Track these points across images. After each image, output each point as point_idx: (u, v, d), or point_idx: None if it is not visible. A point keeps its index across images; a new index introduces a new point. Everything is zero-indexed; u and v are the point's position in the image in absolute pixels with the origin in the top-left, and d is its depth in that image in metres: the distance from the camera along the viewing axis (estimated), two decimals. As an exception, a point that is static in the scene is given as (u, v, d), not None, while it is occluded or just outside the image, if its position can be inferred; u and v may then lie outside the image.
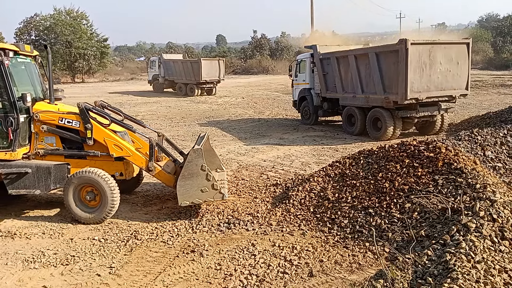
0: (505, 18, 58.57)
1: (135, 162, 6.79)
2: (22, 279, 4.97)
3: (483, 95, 23.86)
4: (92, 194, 6.50)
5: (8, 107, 6.48)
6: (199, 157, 6.19)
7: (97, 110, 6.96)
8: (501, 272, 4.06)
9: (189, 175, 6.20)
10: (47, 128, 6.79)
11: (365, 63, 13.42)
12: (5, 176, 6.53)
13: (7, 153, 6.52)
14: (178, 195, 6.22)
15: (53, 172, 6.59)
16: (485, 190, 5.39)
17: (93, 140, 6.72)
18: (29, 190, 6.62)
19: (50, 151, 6.84)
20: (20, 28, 49.01)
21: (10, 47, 6.59)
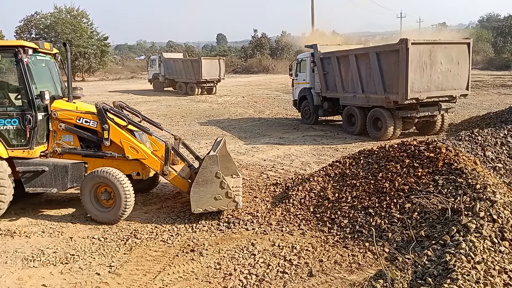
0: (506, 18, 58.55)
1: (151, 166, 6.71)
2: (22, 278, 4.96)
3: (483, 95, 23.85)
4: (107, 194, 6.45)
5: (26, 104, 6.48)
6: (214, 163, 6.09)
7: (115, 111, 6.91)
8: (501, 273, 4.06)
9: (203, 181, 6.11)
10: (65, 127, 6.77)
11: (365, 63, 13.41)
12: (22, 174, 6.52)
13: (24, 151, 6.51)
14: (191, 201, 6.15)
15: (70, 170, 6.57)
16: (485, 191, 5.39)
17: (109, 141, 6.68)
18: (46, 189, 6.61)
19: (68, 150, 6.82)
20: (20, 26, 49.03)
21: (29, 44, 6.56)
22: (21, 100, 6.55)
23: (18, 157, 6.53)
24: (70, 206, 7.37)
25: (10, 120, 6.48)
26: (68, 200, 7.82)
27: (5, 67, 6.83)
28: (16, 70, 6.54)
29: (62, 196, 7.88)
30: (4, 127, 6.49)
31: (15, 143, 6.52)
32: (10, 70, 6.77)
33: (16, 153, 6.52)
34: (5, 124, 6.49)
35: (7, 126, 6.49)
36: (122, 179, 6.37)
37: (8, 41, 6.62)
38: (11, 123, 6.49)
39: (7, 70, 6.81)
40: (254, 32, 64.84)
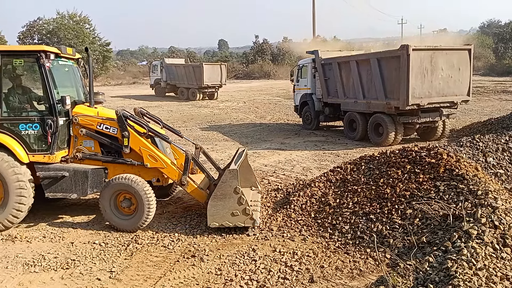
0: (507, 25, 58.62)
1: (169, 175, 6.66)
2: (22, 283, 4.96)
3: (484, 101, 23.85)
4: (128, 201, 6.40)
5: (47, 109, 6.48)
6: (234, 178, 6.00)
7: (135, 118, 6.90)
8: (503, 280, 4.04)
9: (221, 195, 6.02)
10: (86, 132, 6.76)
11: (366, 69, 13.44)
12: (42, 179, 6.50)
13: (45, 156, 6.48)
14: (208, 215, 6.08)
15: (90, 176, 6.54)
16: (487, 197, 5.38)
17: (129, 148, 6.66)
18: (66, 194, 6.57)
19: (88, 155, 6.80)
20: (23, 31, 49.30)
21: (51, 49, 6.57)
22: (43, 105, 6.54)
23: (38, 162, 6.49)
24: (71, 211, 7.37)
25: (31, 125, 6.44)
26: (69, 205, 7.82)
27: (27, 72, 6.80)
28: (37, 75, 6.53)
29: (63, 201, 7.88)
30: (25, 132, 6.45)
31: (36, 148, 6.48)
32: (31, 75, 6.75)
33: (37, 158, 6.48)
34: (26, 129, 6.45)
35: (28, 131, 6.46)
36: (145, 186, 6.33)
37: (30, 46, 6.68)
38: (32, 128, 6.45)
39: (28, 75, 6.79)
40: (256, 38, 65.05)
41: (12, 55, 6.53)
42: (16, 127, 6.44)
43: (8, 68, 6.60)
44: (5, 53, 6.49)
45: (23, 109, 6.65)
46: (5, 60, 6.45)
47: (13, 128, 6.43)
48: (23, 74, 6.89)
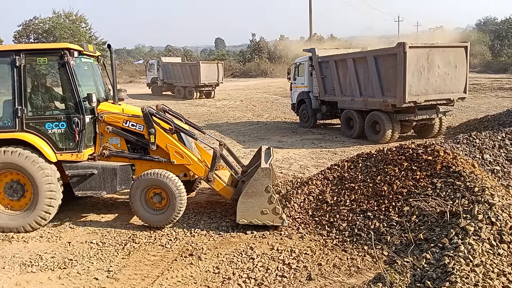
0: (503, 22, 58.70)
1: (195, 171, 6.67)
2: (20, 283, 4.94)
3: (481, 98, 23.92)
4: (158, 196, 6.40)
5: (73, 107, 6.44)
6: (266, 177, 6.00)
7: (160, 115, 6.88)
8: (500, 276, 4.06)
9: (252, 193, 6.01)
10: (112, 129, 6.73)
11: (363, 67, 13.46)
12: (71, 178, 6.47)
13: (73, 154, 6.45)
14: (237, 211, 6.08)
15: (119, 173, 6.53)
16: (484, 193, 5.39)
17: (156, 145, 6.65)
18: (95, 192, 6.56)
19: (115, 153, 6.78)
20: (19, 31, 49.06)
21: (74, 47, 6.54)
22: (69, 103, 6.50)
23: (66, 160, 6.46)
24: (68, 211, 7.34)
25: (57, 123, 6.41)
26: (66, 205, 7.78)
27: (51, 71, 6.74)
28: (62, 73, 6.49)
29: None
30: (52, 131, 6.41)
31: (64, 146, 6.44)
32: (56, 73, 6.67)
33: (64, 156, 6.44)
34: (52, 128, 6.41)
35: (55, 129, 6.41)
36: (176, 180, 6.34)
37: (54, 44, 6.56)
38: (59, 127, 6.41)
39: (53, 73, 6.73)
40: (252, 36, 64.99)
41: (36, 53, 6.46)
42: (42, 126, 6.39)
43: (32, 67, 6.57)
44: (29, 52, 6.42)
45: (48, 108, 6.61)
46: (28, 59, 6.40)
47: (39, 127, 6.38)
48: (47, 72, 6.85)
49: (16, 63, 6.26)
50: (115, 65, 7.36)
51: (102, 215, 7.11)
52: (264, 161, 6.44)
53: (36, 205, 6.24)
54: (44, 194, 6.22)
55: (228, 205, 7.32)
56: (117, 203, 7.70)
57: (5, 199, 6.38)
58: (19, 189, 6.37)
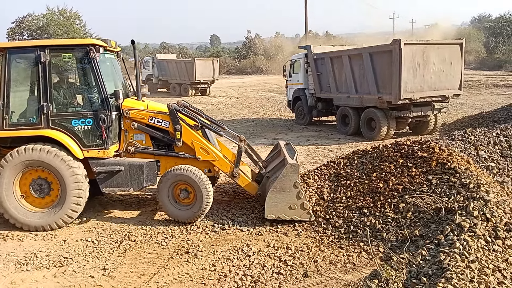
0: (498, 19, 58.94)
1: (220, 167, 6.69)
2: (15, 282, 4.92)
3: (476, 95, 24.01)
4: (185, 192, 6.40)
5: (100, 104, 6.38)
6: (294, 172, 6.02)
7: (186, 111, 6.86)
8: (495, 272, 4.08)
9: (281, 189, 6.03)
10: (137, 126, 6.69)
11: (359, 64, 13.46)
12: (97, 175, 6.43)
13: (100, 151, 6.39)
14: (265, 207, 6.09)
15: (146, 169, 6.49)
16: (479, 190, 5.42)
17: (181, 142, 6.64)
18: (123, 188, 6.53)
19: (140, 149, 6.75)
20: (12, 28, 48.68)
21: (100, 43, 6.46)
22: (95, 100, 6.44)
23: (93, 157, 6.41)
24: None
25: (84, 120, 6.34)
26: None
27: (76, 67, 6.66)
28: (87, 69, 6.41)
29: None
30: (78, 128, 6.35)
31: (90, 143, 6.38)
32: (80, 69, 6.59)
33: (91, 153, 6.39)
34: (79, 125, 6.35)
35: (81, 126, 6.35)
36: (203, 176, 6.35)
37: (79, 40, 6.50)
38: (85, 123, 6.35)
39: (77, 69, 6.64)
40: (248, 33, 64.86)
41: (61, 49, 6.39)
42: (68, 123, 6.33)
43: (57, 63, 6.50)
44: (54, 48, 6.34)
45: (74, 104, 6.54)
46: (53, 55, 6.33)
47: (65, 124, 6.32)
48: (72, 68, 6.76)
49: (41, 59, 6.18)
50: (138, 61, 7.31)
51: (98, 213, 7.08)
52: (290, 157, 6.43)
53: (64, 203, 6.19)
54: (72, 192, 6.17)
55: (224, 202, 7.32)
56: (112, 201, 7.67)
57: (30, 196, 6.33)
58: (45, 187, 6.32)
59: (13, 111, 6.37)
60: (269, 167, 7.06)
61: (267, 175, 6.74)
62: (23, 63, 6.58)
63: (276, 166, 6.82)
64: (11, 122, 6.31)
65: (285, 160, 6.40)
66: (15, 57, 6.38)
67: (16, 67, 6.46)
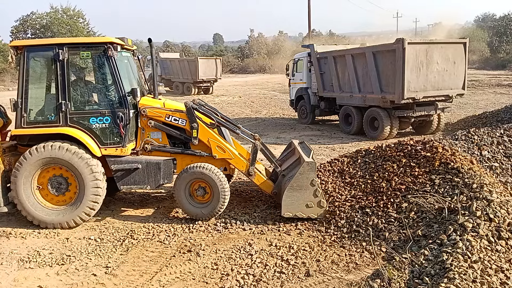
0: (501, 18, 58.65)
1: (236, 166, 6.71)
2: (17, 279, 4.94)
3: (479, 95, 23.93)
4: (202, 190, 6.43)
5: (118, 102, 6.39)
6: (311, 170, 6.03)
7: (203, 109, 6.87)
8: (498, 272, 4.07)
9: (298, 187, 6.04)
10: (154, 124, 6.70)
11: (362, 63, 13.43)
12: (115, 172, 6.45)
13: (117, 149, 6.41)
14: (282, 205, 6.10)
15: (163, 167, 6.52)
16: (482, 190, 5.40)
17: (198, 140, 6.65)
18: (140, 186, 6.56)
19: (157, 147, 6.77)
20: (16, 26, 48.83)
21: (117, 41, 6.47)
22: (113, 98, 6.46)
23: (110, 155, 6.43)
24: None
25: (102, 118, 6.35)
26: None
27: (94, 65, 6.66)
28: (105, 67, 6.42)
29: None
30: (96, 126, 6.36)
31: (108, 141, 6.39)
32: (98, 68, 6.58)
33: (109, 151, 6.40)
34: (97, 122, 6.36)
35: (99, 124, 6.36)
36: (220, 174, 6.38)
37: (97, 38, 6.49)
38: (103, 121, 6.36)
39: (95, 67, 6.64)
40: (251, 32, 64.86)
41: (79, 47, 6.39)
42: (86, 120, 6.35)
43: (75, 61, 6.52)
44: (72, 46, 6.35)
45: (92, 102, 6.56)
46: (72, 53, 6.34)
47: (82, 121, 6.34)
48: (89, 66, 6.78)
49: (59, 56, 6.19)
50: (155, 59, 7.32)
51: (100, 211, 7.08)
52: (306, 155, 6.44)
53: (82, 200, 6.22)
54: (90, 190, 6.20)
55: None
56: (114, 199, 7.68)
57: (49, 194, 6.35)
58: (63, 184, 6.34)
59: (31, 109, 6.40)
60: (284, 165, 7.06)
61: (282, 174, 6.74)
62: (41, 61, 6.61)
63: (291, 164, 6.82)
64: (29, 120, 6.33)
65: (301, 158, 6.40)
66: (33, 55, 6.40)
67: (34, 65, 6.50)
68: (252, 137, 6.89)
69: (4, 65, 41.30)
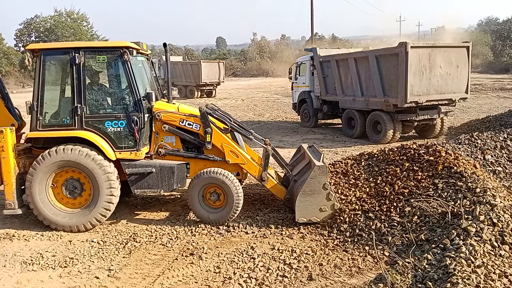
0: (505, 22, 58.64)
1: (249, 171, 6.71)
2: (21, 282, 4.94)
3: (482, 99, 23.88)
4: (216, 195, 6.44)
5: (133, 106, 6.42)
6: (323, 174, 6.04)
7: (217, 114, 6.90)
8: (501, 277, 4.05)
9: (310, 191, 6.04)
10: (168, 128, 6.72)
11: (365, 66, 13.43)
12: (129, 176, 6.47)
13: (132, 152, 6.43)
14: (296, 211, 6.10)
15: (176, 171, 6.53)
16: (485, 194, 5.38)
17: (211, 144, 6.66)
18: (153, 190, 6.56)
19: (171, 151, 6.78)
20: (20, 29, 49.14)
21: (133, 45, 6.49)
22: (128, 102, 6.49)
23: (125, 159, 6.45)
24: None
25: (117, 122, 6.38)
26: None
27: (109, 69, 6.69)
28: (121, 71, 6.45)
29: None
30: (111, 129, 6.38)
31: (122, 145, 6.42)
32: (114, 72, 6.62)
33: (123, 155, 6.42)
34: (112, 126, 6.40)
35: (114, 128, 6.39)
36: (234, 179, 6.40)
37: (113, 42, 6.48)
38: (118, 125, 6.39)
39: (110, 71, 6.67)
40: (254, 35, 65.05)
41: (95, 51, 6.43)
42: (102, 124, 6.37)
43: (91, 65, 6.55)
44: (88, 50, 6.38)
45: (107, 106, 6.58)
46: (88, 57, 6.37)
47: (97, 125, 6.36)
48: (105, 70, 6.79)
49: (75, 60, 6.22)
50: (169, 64, 7.36)
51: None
52: (317, 160, 6.43)
53: (96, 203, 6.23)
54: (104, 193, 6.21)
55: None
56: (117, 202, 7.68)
57: (64, 198, 6.37)
58: (78, 187, 6.37)
59: (47, 112, 6.43)
60: (294, 170, 7.06)
61: (294, 179, 6.74)
62: (57, 64, 6.65)
63: (302, 169, 6.82)
64: (45, 123, 6.36)
65: (311, 162, 6.40)
66: (50, 59, 6.44)
67: (50, 68, 6.53)
68: (263, 142, 6.88)
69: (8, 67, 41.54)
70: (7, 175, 6.14)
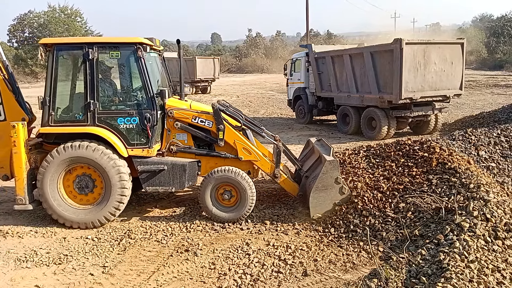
0: (499, 19, 58.83)
1: (262, 167, 6.66)
2: (14, 279, 4.92)
3: (476, 95, 23.99)
4: (228, 193, 6.39)
5: (146, 103, 6.37)
6: (334, 169, 6.03)
7: (229, 111, 6.85)
8: (494, 272, 4.08)
9: (323, 187, 6.03)
10: (180, 125, 6.67)
11: (360, 63, 13.45)
12: (141, 173, 6.42)
13: (144, 149, 6.38)
14: (310, 207, 6.08)
15: (188, 169, 6.49)
16: (479, 190, 5.42)
17: (224, 141, 6.62)
18: (165, 187, 6.52)
19: (182, 149, 6.73)
20: (13, 25, 48.70)
21: (147, 42, 6.43)
22: (141, 98, 6.44)
23: (137, 155, 6.41)
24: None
25: (129, 118, 6.32)
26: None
27: (122, 65, 6.61)
28: (134, 67, 6.39)
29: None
30: (124, 126, 6.33)
31: (135, 141, 6.37)
32: (128, 68, 6.55)
33: (135, 152, 6.38)
34: (124, 123, 6.34)
35: (126, 124, 6.34)
36: (247, 178, 6.36)
37: (127, 38, 6.38)
38: (131, 122, 6.33)
39: (125, 68, 6.59)
40: (249, 31, 64.89)
41: (109, 47, 6.35)
42: (114, 120, 6.32)
43: (104, 61, 6.49)
44: (101, 45, 6.31)
45: (119, 102, 6.54)
46: (101, 52, 6.30)
47: (110, 121, 6.31)
48: (118, 66, 6.72)
49: (89, 56, 6.16)
50: (182, 61, 7.29)
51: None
52: (327, 154, 6.41)
53: (108, 200, 6.19)
54: (116, 190, 6.17)
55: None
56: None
57: (77, 196, 6.34)
58: (89, 184, 6.33)
59: (59, 107, 6.38)
60: (305, 166, 7.04)
61: (305, 175, 6.72)
62: (70, 59, 6.59)
63: (313, 164, 6.80)
64: (57, 119, 6.31)
65: (321, 157, 6.38)
66: (62, 54, 6.38)
67: (63, 63, 6.47)
68: (273, 138, 6.85)
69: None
70: (19, 170, 6.09)
